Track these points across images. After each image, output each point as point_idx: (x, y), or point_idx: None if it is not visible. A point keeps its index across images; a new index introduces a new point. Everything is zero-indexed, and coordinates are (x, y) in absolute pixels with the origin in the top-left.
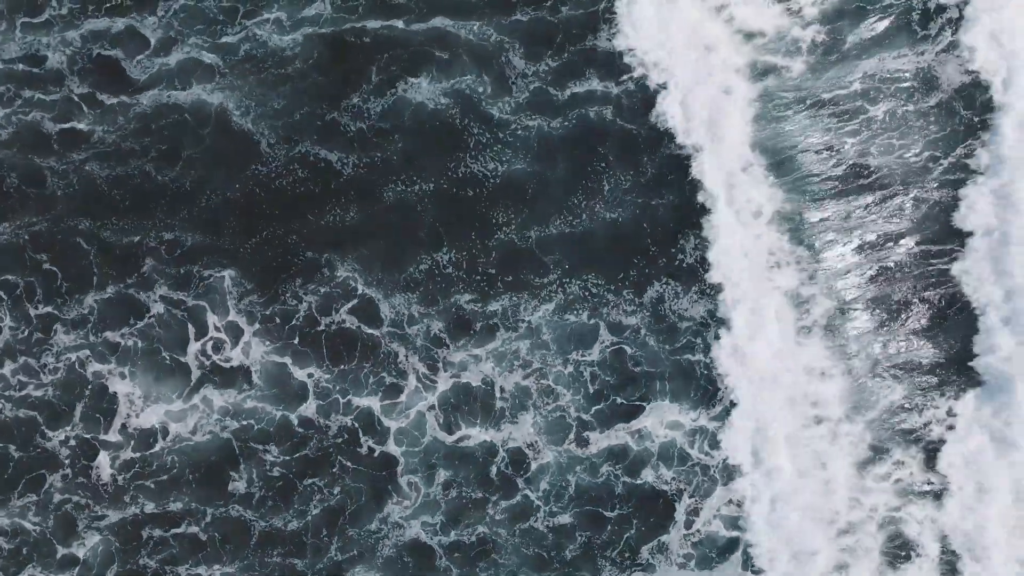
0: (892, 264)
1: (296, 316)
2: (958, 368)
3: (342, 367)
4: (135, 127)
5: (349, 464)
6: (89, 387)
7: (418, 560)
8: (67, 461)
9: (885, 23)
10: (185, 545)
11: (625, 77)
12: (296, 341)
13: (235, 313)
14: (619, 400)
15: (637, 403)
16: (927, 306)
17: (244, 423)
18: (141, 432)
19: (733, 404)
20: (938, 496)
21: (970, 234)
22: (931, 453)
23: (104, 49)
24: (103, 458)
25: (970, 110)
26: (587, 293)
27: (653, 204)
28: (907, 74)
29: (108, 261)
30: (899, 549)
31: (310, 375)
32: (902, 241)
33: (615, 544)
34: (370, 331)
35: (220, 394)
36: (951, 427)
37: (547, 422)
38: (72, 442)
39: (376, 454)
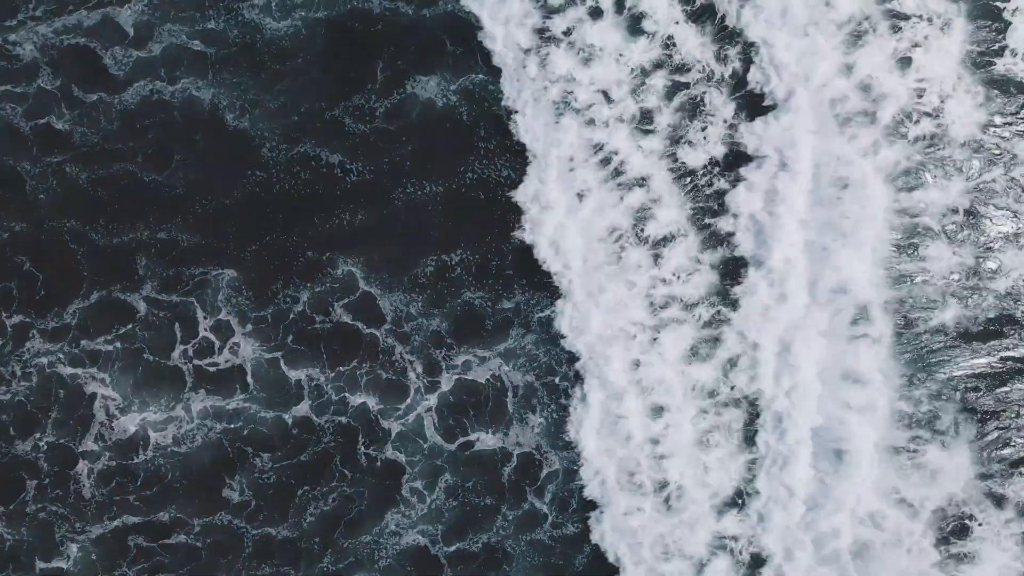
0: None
1: (292, 314)
2: None
3: (340, 367)
4: (118, 126)
5: (347, 470)
6: (75, 393)
7: (421, 571)
8: (44, 468)
9: None
10: (175, 556)
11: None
12: (291, 340)
13: (228, 313)
14: None
15: None
16: None
17: (236, 427)
18: (127, 439)
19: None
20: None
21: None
22: None
23: (77, 38)
24: (85, 466)
25: None
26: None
27: None
28: None
29: (95, 264)
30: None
31: (307, 376)
32: None
33: None
34: (370, 330)
35: (212, 398)
36: None
37: (555, 423)
38: (52, 449)
39: (376, 459)
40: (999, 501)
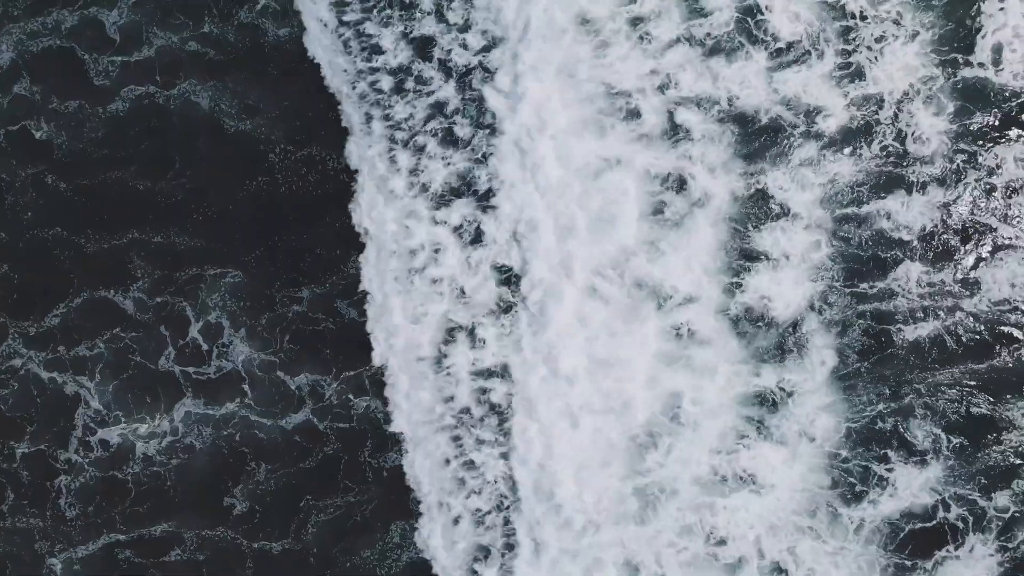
0: None
1: (291, 314)
2: None
3: (345, 371)
4: (109, 132)
5: (351, 480)
6: (60, 400)
7: None
8: (26, 480)
9: None
10: (169, 571)
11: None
12: (290, 342)
13: (224, 315)
14: None
15: None
16: None
17: (232, 434)
18: (119, 447)
19: None
20: None
21: None
22: None
23: (60, 42)
24: (74, 476)
25: None
26: None
27: None
28: None
29: (82, 270)
30: None
31: (308, 379)
32: None
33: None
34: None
35: (207, 403)
36: None
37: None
38: (45, 458)
39: (383, 468)
40: (978, 520)
